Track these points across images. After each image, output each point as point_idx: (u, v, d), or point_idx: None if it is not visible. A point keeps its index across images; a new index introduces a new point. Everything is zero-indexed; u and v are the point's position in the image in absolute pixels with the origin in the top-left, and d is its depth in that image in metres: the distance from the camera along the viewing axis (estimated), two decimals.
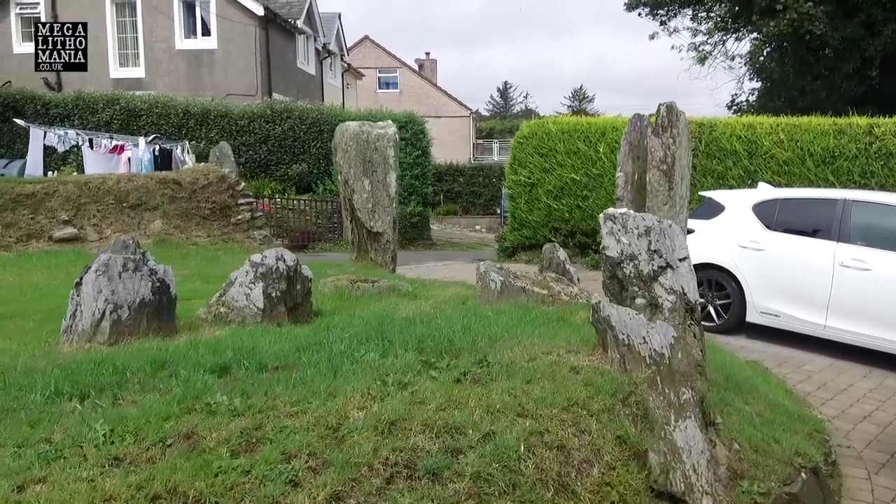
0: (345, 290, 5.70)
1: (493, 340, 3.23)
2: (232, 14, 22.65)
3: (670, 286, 3.67)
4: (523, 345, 3.07)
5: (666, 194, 6.30)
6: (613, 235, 3.75)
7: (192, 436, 2.02)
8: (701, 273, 8.03)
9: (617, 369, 2.74)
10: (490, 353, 2.90)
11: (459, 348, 3.00)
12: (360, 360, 2.83)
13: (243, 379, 2.61)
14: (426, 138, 19.12)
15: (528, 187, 13.45)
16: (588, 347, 2.98)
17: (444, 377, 2.52)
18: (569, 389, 2.45)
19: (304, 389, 2.38)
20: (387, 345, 3.10)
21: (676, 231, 3.69)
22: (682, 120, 6.45)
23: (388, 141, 7.64)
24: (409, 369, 2.62)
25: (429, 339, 3.20)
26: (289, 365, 2.84)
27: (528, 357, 2.85)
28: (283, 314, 4.53)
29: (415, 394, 2.33)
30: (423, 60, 50.49)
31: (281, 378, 2.55)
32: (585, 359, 2.84)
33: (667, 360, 2.89)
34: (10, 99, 19.73)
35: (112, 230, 7.59)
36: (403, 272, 12.48)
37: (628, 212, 3.75)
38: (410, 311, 4.91)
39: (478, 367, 2.66)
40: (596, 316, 2.81)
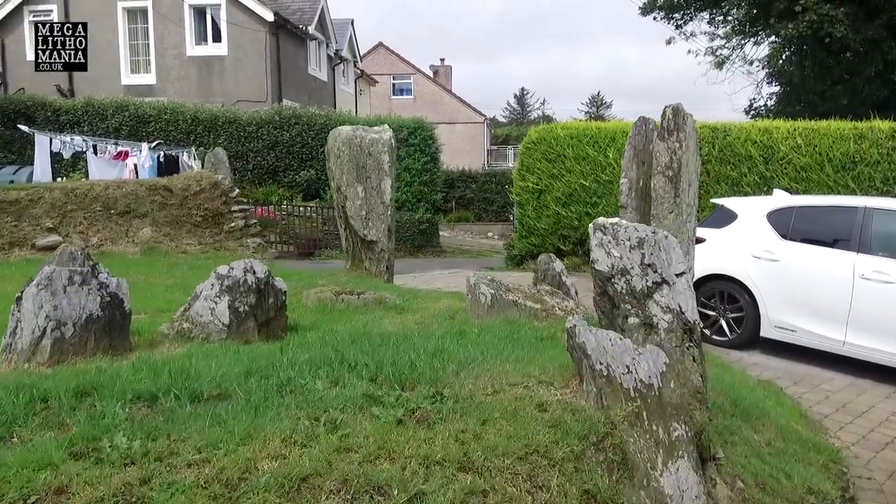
0: (328, 303, 5.40)
1: (461, 366, 2.90)
2: (242, 20, 22.60)
3: (666, 304, 3.30)
4: (491, 373, 2.73)
5: (672, 201, 5.91)
6: (603, 247, 3.40)
7: (63, 492, 1.70)
8: (712, 284, 7.65)
9: (593, 405, 2.38)
10: (450, 384, 2.57)
11: (419, 376, 2.67)
12: (303, 389, 2.52)
13: (167, 411, 2.31)
14: (435, 144, 18.83)
15: (536, 194, 13.09)
16: (564, 377, 2.63)
17: (387, 415, 2.19)
18: (530, 433, 2.11)
19: (220, 430, 2.06)
20: (342, 371, 2.78)
21: (673, 243, 3.32)
22: (689, 123, 6.07)
23: (383, 146, 7.34)
24: (352, 404, 2.29)
25: (390, 364, 2.87)
26: (226, 394, 2.53)
27: (492, 389, 2.51)
28: (252, 330, 4.23)
29: (345, 438, 2.00)
30: (438, 67, 50.33)
31: (202, 413, 2.24)
32: (557, 392, 2.49)
33: (656, 391, 2.54)
34: (21, 105, 19.83)
35: (99, 238, 7.37)
36: (407, 280, 12.17)
37: (620, 221, 3.40)
38: (391, 327, 4.59)
39: (430, 403, 2.32)
40: (571, 342, 2.47)
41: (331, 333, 4.26)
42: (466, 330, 4.32)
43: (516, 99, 78.50)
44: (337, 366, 2.87)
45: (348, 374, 2.74)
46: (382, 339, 3.82)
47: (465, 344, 3.48)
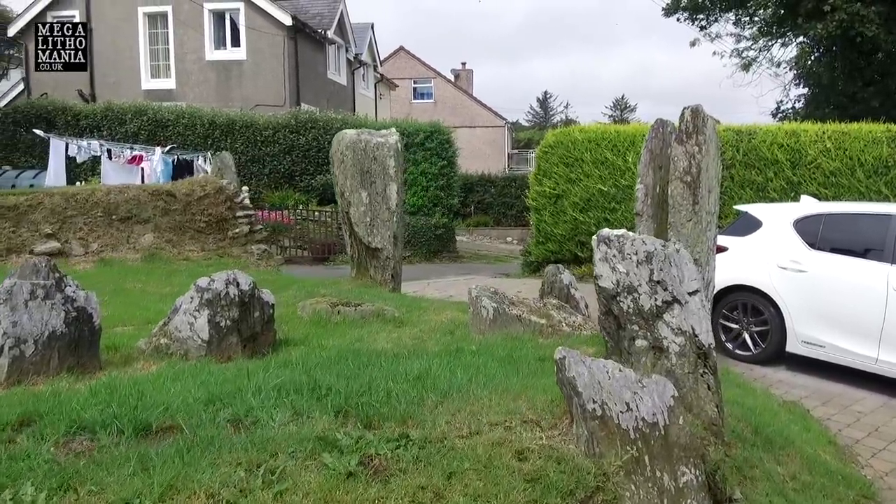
0: (323, 315, 5.14)
1: (442, 396, 2.60)
2: (261, 25, 22.59)
3: (677, 325, 2.97)
4: (473, 407, 2.44)
5: (690, 209, 5.55)
6: (608, 262, 3.08)
7: None
8: (735, 296, 7.25)
9: (583, 451, 2.07)
10: (423, 422, 2.28)
11: (390, 411, 2.39)
12: (257, 425, 2.25)
13: (101, 449, 2.05)
14: (452, 148, 18.55)
15: (553, 199, 12.74)
16: (555, 413, 2.32)
17: (339, 465, 1.90)
18: (503, 490, 1.80)
19: (142, 480, 1.79)
20: (311, 401, 2.51)
21: (685, 258, 2.99)
22: (709, 126, 5.71)
23: (389, 150, 7.08)
24: (303, 448, 2.01)
25: (364, 392, 2.60)
26: (178, 426, 2.27)
27: (468, 430, 2.21)
28: (235, 346, 3.98)
29: (281, 496, 1.72)
30: (459, 71, 50.13)
31: (132, 455, 1.98)
32: (543, 434, 2.18)
33: (661, 430, 2.22)
34: (42, 110, 20.02)
35: (99, 244, 7.22)
36: (420, 287, 11.89)
37: (626, 233, 3.08)
38: (385, 343, 4.31)
39: (392, 448, 2.03)
40: (560, 376, 2.16)
41: (318, 350, 3.99)
42: (464, 348, 4.02)
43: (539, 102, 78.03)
44: (306, 394, 2.60)
45: (315, 404, 2.46)
46: (369, 359, 3.54)
47: (455, 366, 3.19)
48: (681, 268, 2.97)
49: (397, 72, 42.87)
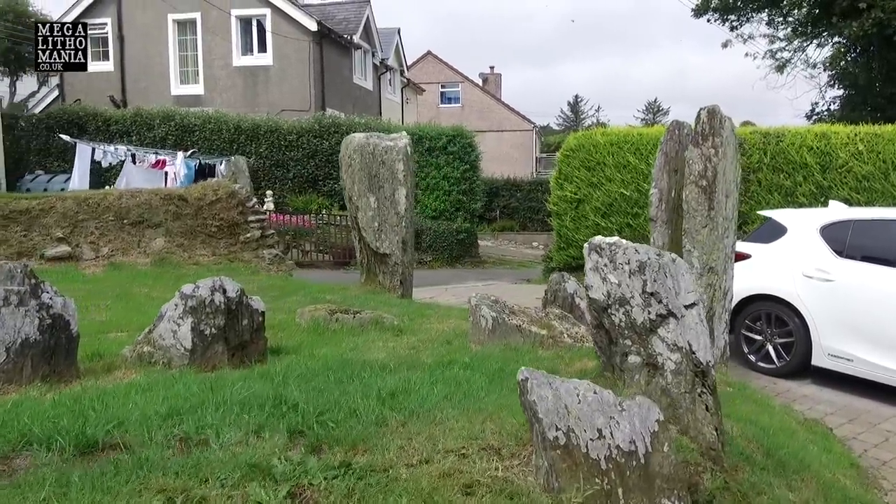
0: (321, 322, 5.01)
1: (409, 416, 2.44)
2: (287, 30, 22.75)
3: (673, 341, 2.76)
4: (436, 430, 2.26)
5: (705, 215, 5.29)
6: (599, 272, 2.88)
7: None
8: (758, 305, 6.92)
9: (542, 486, 1.88)
10: (376, 446, 2.11)
11: (347, 432, 2.23)
12: (203, 445, 2.11)
13: (33, 469, 1.94)
14: (475, 152, 18.38)
15: (575, 203, 12.48)
16: (522, 439, 2.13)
17: (265, 495, 1.75)
18: None
19: None
20: (272, 417, 2.37)
21: (682, 268, 2.78)
22: (726, 127, 5.45)
23: (398, 154, 6.95)
24: (234, 475, 1.87)
25: (329, 411, 2.44)
26: (125, 444, 2.15)
27: (420, 457, 2.04)
28: (221, 355, 3.86)
29: None
30: (488, 75, 49.95)
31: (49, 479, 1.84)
32: (501, 464, 1.99)
33: (640, 459, 2.01)
34: (74, 116, 20.44)
35: (110, 248, 7.23)
36: (437, 293, 11.73)
37: (619, 241, 2.88)
38: (378, 353, 4.16)
39: (330, 477, 1.87)
40: (523, 399, 1.97)
41: (307, 360, 3.86)
42: (456, 360, 3.85)
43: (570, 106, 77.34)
44: (268, 410, 2.46)
45: (273, 422, 2.32)
46: (353, 372, 3.39)
47: (437, 381, 3.02)
48: (676, 279, 2.76)
49: (425, 76, 42.89)
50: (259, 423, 2.33)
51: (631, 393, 2.90)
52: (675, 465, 2.13)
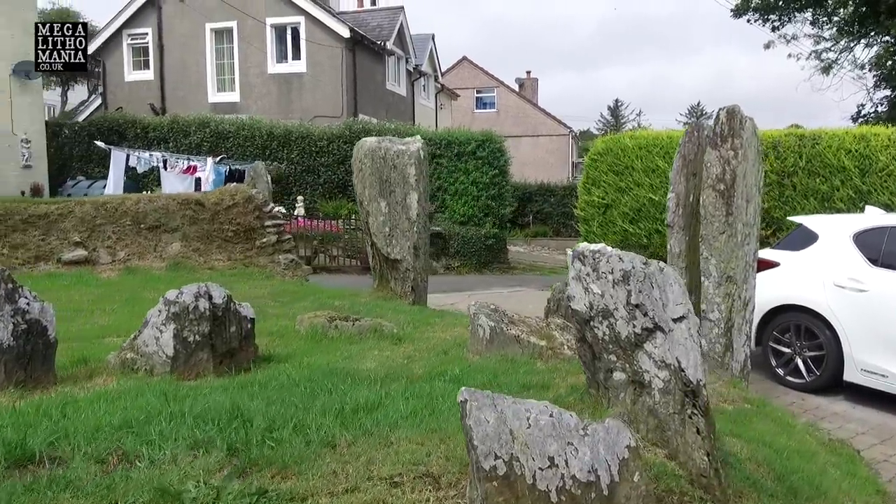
0: (320, 329, 4.91)
1: (359, 435, 2.28)
2: (320, 38, 22.95)
3: (661, 357, 2.55)
4: (376, 454, 2.09)
5: (723, 220, 5.01)
6: (581, 282, 2.68)
7: None
8: (788, 316, 6.56)
9: None
10: (308, 469, 1.97)
11: (283, 452, 2.09)
12: (137, 461, 2.00)
13: None
14: (504, 157, 18.17)
15: (602, 209, 12.18)
16: (467, 467, 1.95)
17: None
18: None
19: None
20: (221, 433, 2.25)
21: (670, 278, 2.56)
22: (747, 128, 5.16)
23: (410, 158, 6.82)
24: (142, 499, 1.75)
25: (282, 426, 2.31)
26: (61, 458, 2.05)
27: (348, 485, 1.86)
28: (206, 362, 3.78)
29: None
30: (524, 80, 49.67)
31: None
32: (433, 495, 1.81)
33: (602, 490, 1.81)
34: (114, 123, 20.96)
35: (126, 252, 7.30)
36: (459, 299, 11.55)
37: (603, 248, 2.68)
38: (370, 363, 4.03)
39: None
40: (463, 422, 1.78)
41: (294, 369, 3.75)
42: (447, 371, 3.69)
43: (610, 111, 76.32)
44: (221, 424, 2.34)
45: (218, 438, 2.20)
46: (333, 383, 3.26)
47: (413, 395, 2.86)
48: (664, 290, 2.54)
49: (460, 82, 42.86)
50: (204, 438, 2.21)
51: (616, 412, 2.70)
52: (647, 497, 1.93)
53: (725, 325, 5.01)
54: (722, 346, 5.03)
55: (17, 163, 17.13)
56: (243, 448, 2.15)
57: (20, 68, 16.40)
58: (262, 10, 23.33)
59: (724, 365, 5.03)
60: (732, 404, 4.63)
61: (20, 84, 16.92)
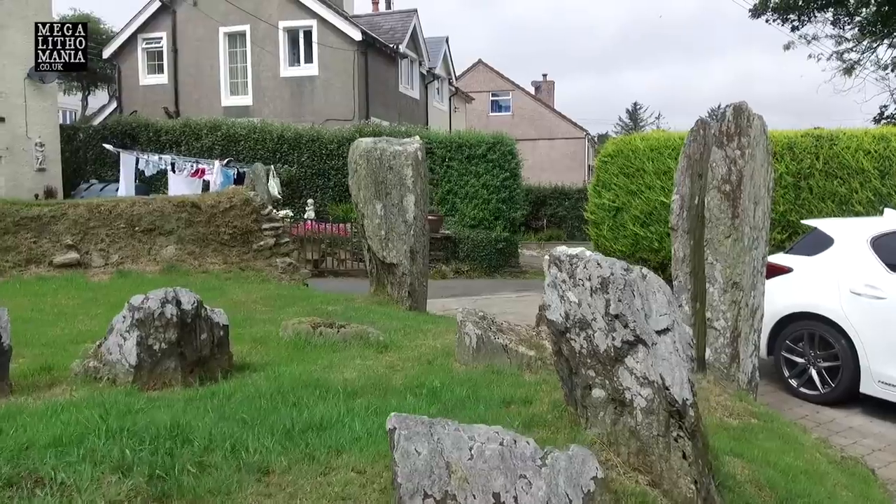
0: (303, 336, 4.71)
1: (301, 459, 2.07)
2: (332, 41, 22.88)
3: (643, 373, 2.31)
4: (300, 485, 1.88)
5: (728, 224, 4.74)
6: (557, 289, 2.45)
7: None
8: (801, 325, 6.25)
9: None
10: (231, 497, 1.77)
11: (205, 481, 1.88)
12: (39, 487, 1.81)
13: None
14: (515, 160, 17.91)
15: (612, 212, 11.89)
16: None
17: None
18: None
19: None
20: (150, 453, 2.05)
21: (654, 286, 2.32)
22: (755, 126, 4.88)
23: (406, 159, 6.62)
24: None
25: (218, 447, 2.10)
26: None
27: None
28: (173, 371, 3.60)
29: None
30: (540, 83, 49.43)
31: None
32: None
33: None
34: (127, 127, 21.07)
35: (119, 256, 7.17)
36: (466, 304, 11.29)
37: (582, 253, 2.44)
38: (350, 373, 3.83)
39: None
40: (392, 454, 1.56)
41: (264, 380, 3.56)
42: (427, 383, 3.48)
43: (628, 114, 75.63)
44: (156, 443, 2.14)
45: (145, 461, 2.00)
46: (300, 396, 3.06)
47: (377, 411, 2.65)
48: (646, 299, 2.30)
49: (476, 85, 42.73)
50: (131, 460, 2.02)
51: (595, 433, 2.46)
52: None
53: (731, 334, 4.73)
54: (728, 356, 4.75)
55: (31, 166, 17.27)
56: (164, 474, 1.95)
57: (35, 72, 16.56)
58: (274, 13, 23.33)
59: (731, 376, 4.75)
60: (738, 419, 4.36)
61: (35, 88, 17.06)
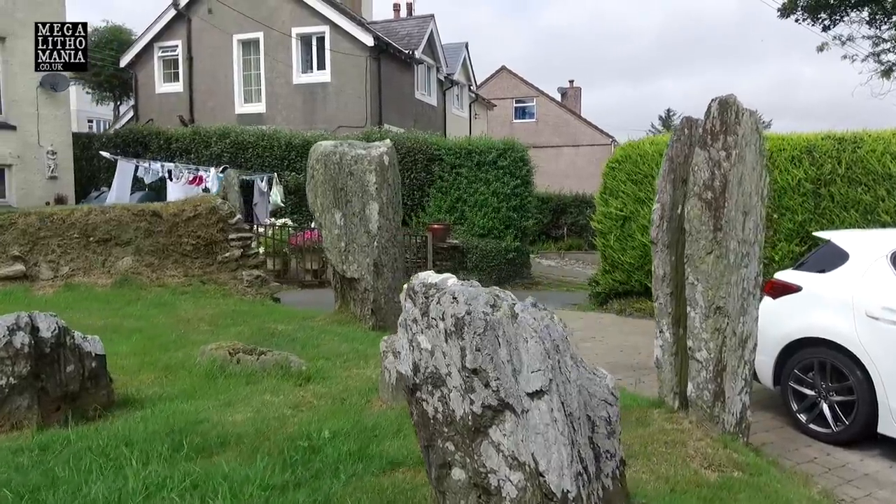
0: (218, 363, 4.15)
1: None
2: (344, 47, 22.54)
3: (511, 451, 1.66)
4: None
5: (710, 237, 4.03)
6: (407, 330, 1.82)
7: None
8: (810, 352, 5.45)
9: None
10: None
11: None
12: None
13: None
14: (527, 167, 17.23)
15: (620, 221, 11.13)
16: None
17: None
18: None
19: None
20: None
21: (527, 330, 1.68)
22: (745, 123, 4.18)
23: (370, 164, 6.04)
24: None
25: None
26: None
27: None
28: (26, 410, 3.07)
29: None
30: (567, 89, 48.67)
31: None
32: None
33: None
34: (139, 135, 21.00)
35: (70, 268, 6.74)
36: None
37: (443, 280, 1.82)
38: (246, 413, 3.27)
39: None
40: None
41: (138, 422, 3.02)
42: (315, 434, 2.87)
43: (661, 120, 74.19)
44: None
45: None
46: (145, 450, 2.48)
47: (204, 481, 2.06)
48: (516, 347, 1.66)
49: (499, 91, 42.23)
50: None
51: None
52: None
53: (715, 367, 4.02)
54: (711, 393, 4.03)
55: (43, 174, 17.24)
56: None
57: (47, 81, 16.53)
58: (287, 20, 23.11)
59: (714, 417, 4.03)
60: (717, 471, 3.65)
61: (47, 96, 17.04)
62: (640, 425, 4.11)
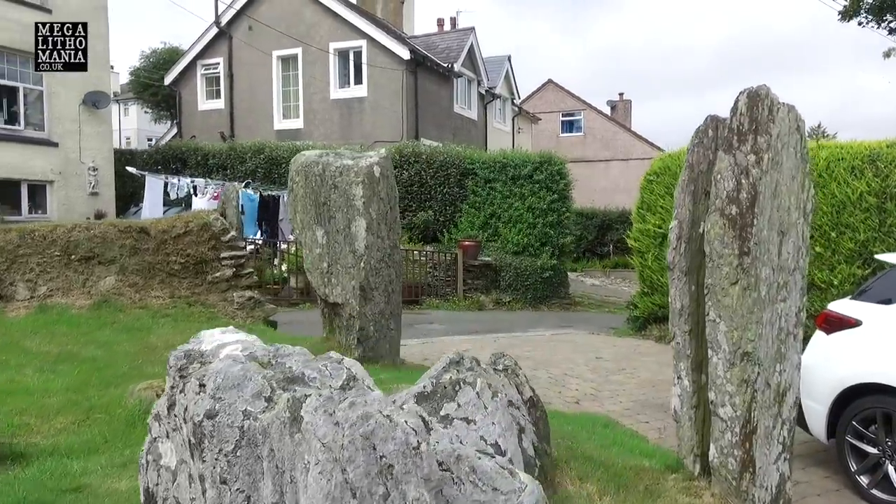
0: (145, 407, 3.53)
1: None
2: (381, 61, 22.23)
3: None
4: None
5: (734, 264, 3.19)
6: (150, 430, 1.10)
7: None
8: (872, 400, 4.48)
9: None
10: None
11: None
12: None
13: None
14: (564, 181, 16.35)
15: (658, 239, 10.19)
16: None
17: None
18: None
19: None
20: None
21: (317, 438, 0.93)
22: (781, 121, 3.33)
23: (357, 175, 5.39)
24: None
25: None
26: None
27: None
28: None
29: None
30: (616, 102, 47.45)
31: None
32: None
33: None
34: (178, 151, 21.17)
35: (49, 288, 6.35)
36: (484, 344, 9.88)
37: (218, 348, 1.10)
38: (130, 481, 2.61)
39: None
40: None
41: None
42: None
43: None
44: None
45: None
46: None
47: None
48: (290, 473, 0.95)
49: (545, 105, 41.45)
50: None
51: None
52: None
53: (742, 428, 3.15)
54: (737, 461, 3.17)
55: (85, 190, 17.41)
56: None
57: (89, 98, 16.72)
58: (325, 35, 23.00)
59: (741, 492, 3.16)
60: None
61: (89, 114, 17.25)
62: (647, 497, 3.27)
